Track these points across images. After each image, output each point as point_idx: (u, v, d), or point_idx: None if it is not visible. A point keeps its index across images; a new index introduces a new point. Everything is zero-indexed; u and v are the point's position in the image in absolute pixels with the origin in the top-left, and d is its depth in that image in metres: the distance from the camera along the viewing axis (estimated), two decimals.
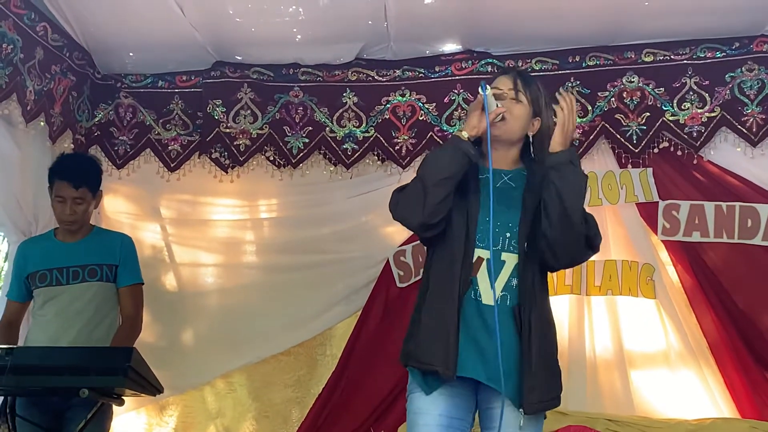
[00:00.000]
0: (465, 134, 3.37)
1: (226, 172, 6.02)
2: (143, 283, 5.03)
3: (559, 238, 3.30)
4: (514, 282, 3.35)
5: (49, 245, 4.89)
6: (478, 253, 3.38)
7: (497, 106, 3.40)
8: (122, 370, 3.75)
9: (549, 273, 3.50)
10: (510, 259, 3.37)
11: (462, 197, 3.41)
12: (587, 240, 3.42)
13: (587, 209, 5.16)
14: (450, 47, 5.89)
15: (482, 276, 3.37)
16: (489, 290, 3.35)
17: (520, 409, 3.26)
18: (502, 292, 3.35)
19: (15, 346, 4.24)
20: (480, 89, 3.37)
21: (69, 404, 4.40)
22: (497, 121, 3.41)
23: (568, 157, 3.30)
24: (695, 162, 5.53)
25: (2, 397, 4.14)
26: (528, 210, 3.39)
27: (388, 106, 5.92)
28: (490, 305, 3.32)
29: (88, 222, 4.94)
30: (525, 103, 3.49)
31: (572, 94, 3.12)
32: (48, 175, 4.83)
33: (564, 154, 3.31)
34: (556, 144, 3.33)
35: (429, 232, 3.44)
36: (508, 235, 3.37)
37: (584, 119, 5.65)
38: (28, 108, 5.14)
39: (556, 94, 3.43)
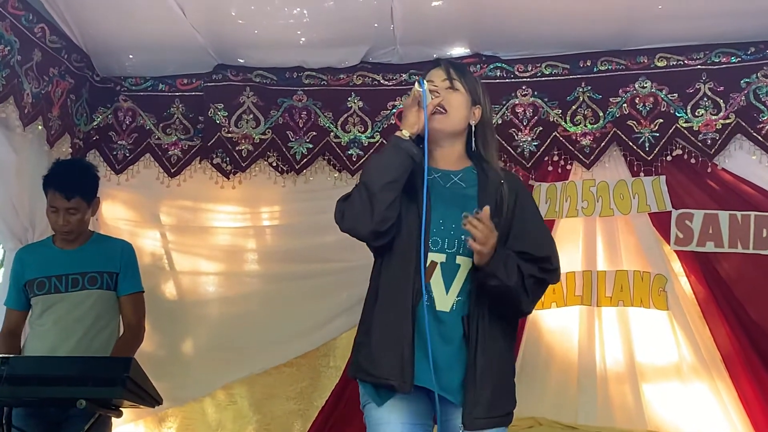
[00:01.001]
0: (406, 133, 3.37)
1: (228, 178, 6.04)
2: (144, 291, 5.06)
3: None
4: (469, 286, 3.36)
5: (48, 252, 4.93)
6: (432, 257, 3.37)
7: (432, 98, 3.42)
8: (120, 381, 3.77)
9: None
10: (465, 263, 3.37)
11: (411, 200, 3.40)
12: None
13: (599, 219, 5.22)
14: (458, 51, 5.90)
15: (436, 282, 3.37)
16: (444, 296, 3.36)
17: (460, 425, 3.27)
18: (457, 297, 3.36)
19: (10, 356, 4.27)
20: (417, 84, 3.40)
21: (66, 415, 4.43)
22: (436, 114, 3.44)
23: (488, 273, 3.28)
24: (709, 170, 5.54)
25: None
26: None
27: (394, 111, 5.94)
28: (445, 311, 3.35)
29: (85, 230, 4.98)
30: (462, 91, 3.53)
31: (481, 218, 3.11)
32: (42, 184, 4.88)
33: (482, 273, 3.29)
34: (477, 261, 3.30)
35: (380, 241, 3.45)
36: (463, 237, 3.31)
37: (595, 126, 5.68)
38: (26, 111, 5.17)
39: (462, 218, 3.26)
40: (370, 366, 3.39)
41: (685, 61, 5.62)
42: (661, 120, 5.60)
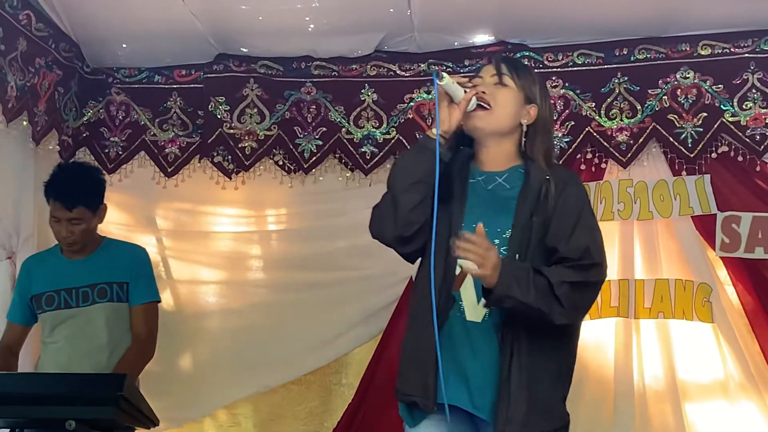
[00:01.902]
0: (433, 131, 3.34)
1: (230, 178, 6.02)
2: (159, 301, 5.06)
3: None
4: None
5: (56, 263, 4.95)
6: (462, 263, 3.28)
7: (465, 92, 3.36)
8: (113, 400, 3.74)
9: None
10: None
11: (445, 206, 3.36)
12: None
13: (636, 222, 5.18)
14: (481, 38, 5.87)
15: (467, 290, 3.34)
16: (474, 306, 3.34)
17: None
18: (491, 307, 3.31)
19: None
20: (439, 78, 3.33)
21: None
22: (474, 110, 3.40)
23: (500, 295, 3.18)
24: (758, 168, 5.48)
25: None
26: (521, 216, 3.35)
27: (411, 104, 5.92)
28: (477, 322, 3.32)
29: (92, 238, 4.98)
30: (512, 87, 3.47)
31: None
32: (44, 191, 4.88)
33: (493, 297, 3.19)
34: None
35: (407, 247, 3.46)
36: (497, 242, 3.30)
37: (633, 120, 5.64)
38: (10, 106, 5.14)
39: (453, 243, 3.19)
40: (401, 383, 3.42)
41: (732, 49, 5.57)
42: (705, 114, 5.56)
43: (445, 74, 3.33)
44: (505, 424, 3.21)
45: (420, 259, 3.55)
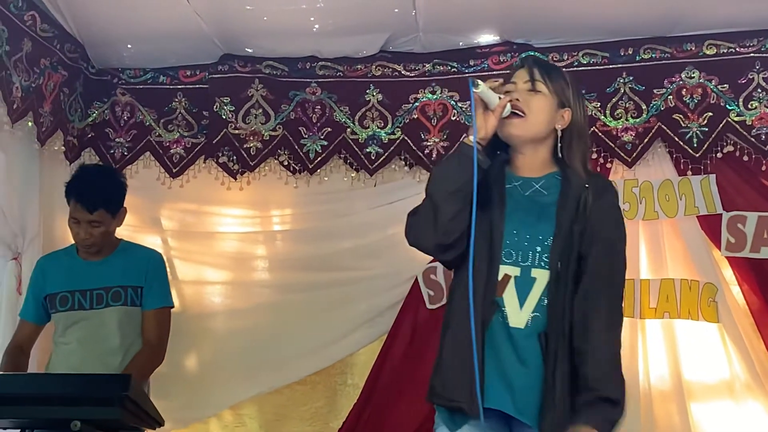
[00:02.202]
0: (472, 139, 3.33)
1: (235, 179, 6.02)
2: (172, 306, 5.07)
3: None
4: (546, 301, 3.33)
5: (71, 264, 4.95)
6: (505, 270, 3.37)
7: (500, 98, 3.35)
8: (118, 401, 3.74)
9: None
10: (542, 276, 3.35)
11: (484, 212, 3.37)
12: None
13: (642, 222, 5.19)
14: (486, 38, 5.86)
15: (510, 296, 3.36)
16: (518, 312, 3.34)
17: None
18: (533, 313, 3.34)
19: None
20: (474, 86, 3.31)
21: None
22: (509, 117, 3.40)
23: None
24: (764, 168, 5.48)
25: None
26: (562, 224, 3.37)
27: (416, 104, 5.91)
28: (520, 328, 3.33)
29: (110, 241, 4.98)
30: (545, 92, 3.46)
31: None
32: (65, 191, 4.88)
33: None
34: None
35: (447, 255, 3.45)
36: (538, 249, 3.34)
37: (638, 120, 5.63)
38: (15, 106, 5.14)
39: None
40: (442, 388, 3.40)
41: (737, 49, 5.57)
42: (711, 113, 5.55)
43: (480, 81, 3.32)
44: (551, 429, 3.23)
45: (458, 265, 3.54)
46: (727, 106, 5.52)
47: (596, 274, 3.34)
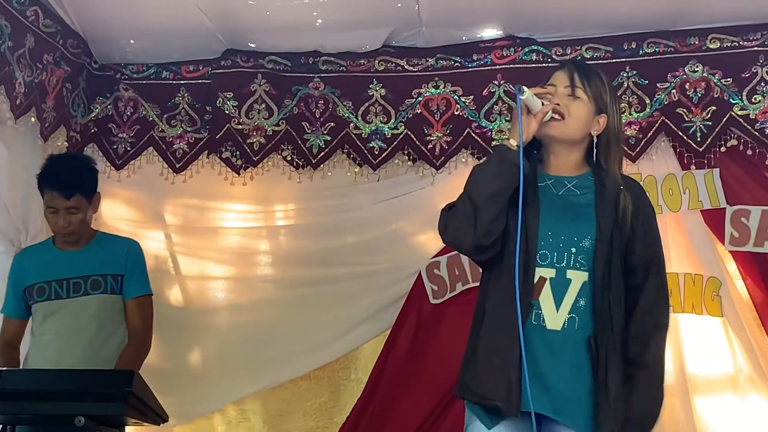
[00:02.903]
0: (513, 142, 3.37)
1: (238, 174, 6.01)
2: (152, 294, 5.04)
3: None
4: (582, 302, 3.37)
5: (48, 255, 4.92)
6: (540, 272, 3.40)
7: (542, 104, 3.40)
8: (122, 396, 3.74)
9: None
10: (577, 278, 3.39)
11: (517, 210, 3.39)
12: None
13: None
14: (489, 33, 5.84)
15: (545, 298, 3.40)
16: (554, 314, 3.39)
17: None
18: (569, 314, 3.38)
19: (3, 369, 4.25)
20: (516, 93, 3.36)
21: None
22: (548, 120, 3.43)
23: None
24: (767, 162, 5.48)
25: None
26: (604, 228, 3.41)
27: (419, 99, 5.90)
28: (556, 330, 3.37)
29: (88, 230, 4.96)
30: (584, 99, 3.50)
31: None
32: (37, 182, 4.86)
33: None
34: None
35: (484, 255, 3.49)
36: (573, 250, 3.39)
37: (641, 114, 5.62)
38: (18, 102, 5.13)
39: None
40: (476, 385, 3.44)
41: (741, 43, 5.55)
42: (714, 107, 5.53)
43: (525, 88, 3.36)
44: (604, 429, 3.30)
45: (493, 265, 3.57)
46: (731, 100, 5.51)
47: (654, 291, 3.46)
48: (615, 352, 3.34)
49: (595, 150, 3.55)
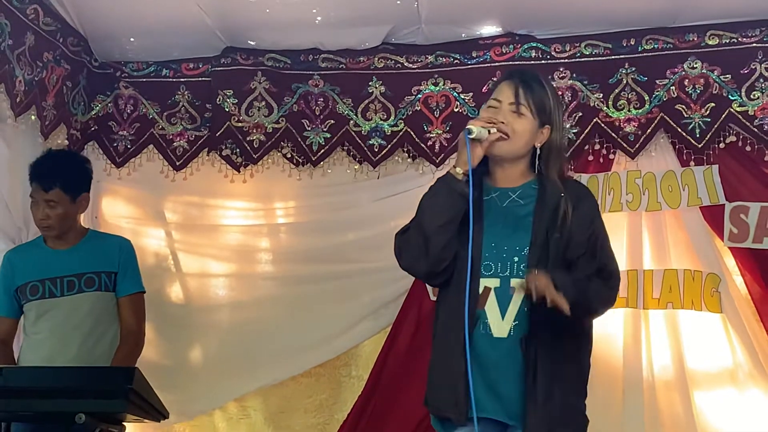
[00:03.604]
0: (459, 171, 3.49)
1: (238, 171, 6.01)
2: (145, 292, 5.04)
3: None
4: (527, 309, 3.44)
5: (39, 253, 4.91)
6: (485, 282, 3.50)
7: (489, 132, 3.49)
8: (123, 393, 3.74)
9: None
10: (520, 286, 3.45)
11: (465, 226, 3.49)
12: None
13: (644, 213, 5.18)
14: (489, 30, 5.85)
15: (491, 307, 3.50)
16: (500, 322, 3.48)
17: None
18: (514, 322, 3.47)
19: (4, 367, 4.25)
20: (465, 135, 3.46)
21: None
22: (498, 140, 3.52)
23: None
24: (766, 158, 5.46)
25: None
26: (538, 233, 3.50)
27: (419, 96, 5.90)
28: (503, 338, 3.47)
29: (72, 227, 4.96)
30: (528, 115, 3.58)
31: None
32: (28, 175, 4.87)
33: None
34: None
35: (437, 280, 3.65)
36: (516, 259, 3.50)
37: (641, 110, 5.61)
38: (18, 100, 5.14)
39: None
40: (432, 398, 3.62)
41: (739, 39, 5.54)
42: (713, 104, 5.52)
43: (473, 128, 3.46)
44: (534, 429, 3.37)
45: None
46: (730, 96, 5.50)
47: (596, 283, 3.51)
48: (548, 354, 3.42)
49: (537, 160, 3.65)
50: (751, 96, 5.47)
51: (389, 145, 5.88)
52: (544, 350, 3.42)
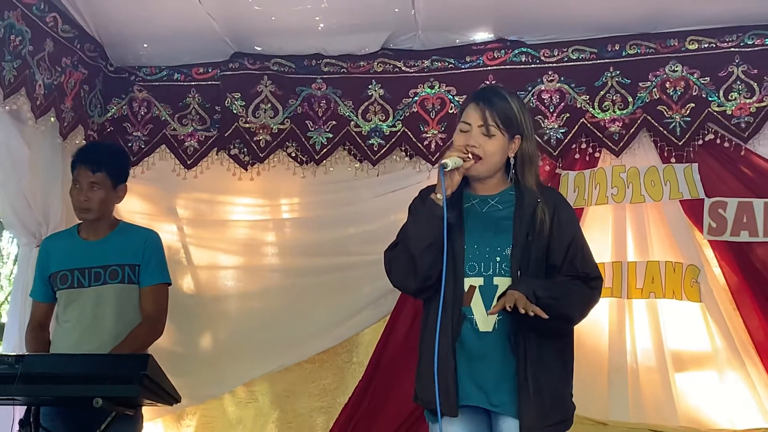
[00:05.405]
0: (440, 197, 3.53)
1: (246, 170, 6.03)
2: (170, 284, 5.00)
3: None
4: (508, 307, 3.45)
5: (72, 243, 4.86)
6: (469, 281, 3.60)
7: (464, 161, 3.57)
8: (137, 379, 3.76)
9: None
10: (503, 283, 3.58)
11: (448, 233, 3.52)
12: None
13: (628, 208, 5.20)
14: (482, 36, 5.87)
15: (476, 304, 3.59)
16: (485, 318, 3.56)
17: None
18: (498, 316, 3.55)
19: (25, 354, 4.26)
20: (440, 172, 3.52)
21: (94, 415, 4.25)
22: (470, 164, 3.61)
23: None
24: (743, 154, 5.49)
25: (26, 407, 4.13)
26: (519, 236, 3.59)
27: (416, 98, 5.92)
28: (488, 332, 3.57)
29: (107, 215, 4.88)
30: (498, 134, 3.65)
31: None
32: (71, 165, 4.85)
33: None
34: None
35: (425, 294, 3.73)
36: (498, 259, 3.60)
37: (625, 111, 5.64)
38: (38, 103, 5.15)
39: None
40: (422, 392, 3.68)
41: (717, 44, 5.57)
42: (693, 105, 5.55)
43: (448, 162, 3.54)
44: (528, 418, 3.46)
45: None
46: (709, 97, 5.54)
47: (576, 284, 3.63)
48: (535, 345, 3.52)
49: (512, 170, 3.74)
50: (729, 97, 5.51)
51: (388, 145, 5.89)
52: (531, 345, 3.51)
